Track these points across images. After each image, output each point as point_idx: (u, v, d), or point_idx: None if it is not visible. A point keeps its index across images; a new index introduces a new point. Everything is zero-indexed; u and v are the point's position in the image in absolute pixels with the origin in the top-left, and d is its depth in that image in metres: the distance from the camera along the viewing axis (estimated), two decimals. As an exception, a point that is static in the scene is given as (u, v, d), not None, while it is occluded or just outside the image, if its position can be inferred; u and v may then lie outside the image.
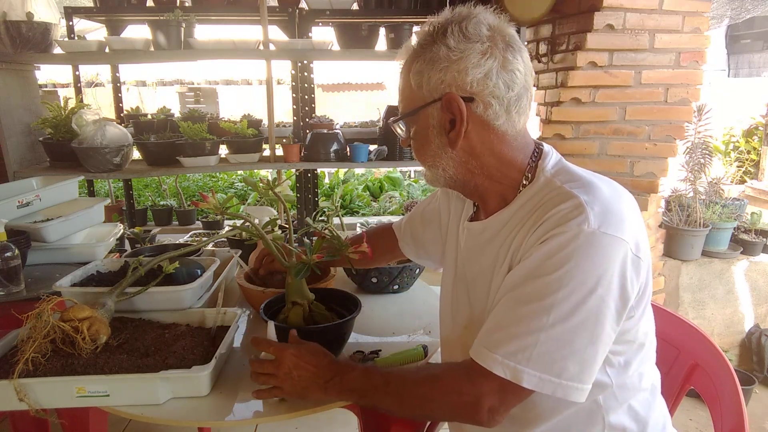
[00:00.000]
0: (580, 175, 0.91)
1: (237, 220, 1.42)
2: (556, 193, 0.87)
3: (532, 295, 0.81)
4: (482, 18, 0.88)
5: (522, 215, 0.91)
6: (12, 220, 1.77)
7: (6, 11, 2.27)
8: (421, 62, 0.89)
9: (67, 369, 1.06)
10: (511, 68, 0.87)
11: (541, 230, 0.84)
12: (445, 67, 0.87)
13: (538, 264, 0.82)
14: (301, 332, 1.19)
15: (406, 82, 0.93)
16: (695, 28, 2.27)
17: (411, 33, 2.58)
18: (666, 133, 2.37)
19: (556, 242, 0.81)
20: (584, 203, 0.82)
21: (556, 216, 0.83)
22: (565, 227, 0.81)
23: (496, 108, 0.88)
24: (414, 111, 0.93)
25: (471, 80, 0.86)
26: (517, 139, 0.93)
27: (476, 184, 0.96)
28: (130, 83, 8.77)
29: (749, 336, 2.75)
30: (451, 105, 0.88)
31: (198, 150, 2.52)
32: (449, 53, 0.86)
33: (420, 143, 0.96)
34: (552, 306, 0.79)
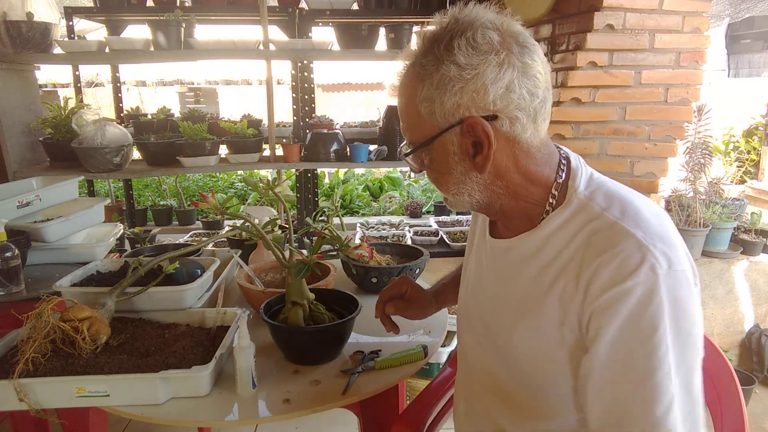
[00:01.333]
0: (619, 196, 0.83)
1: (237, 220, 1.42)
2: (602, 226, 0.78)
3: (644, 370, 0.72)
4: (487, 22, 0.78)
5: (560, 243, 0.82)
6: (12, 220, 1.77)
7: (6, 11, 2.27)
8: (428, 87, 0.78)
9: (67, 369, 1.06)
10: (532, 73, 0.78)
11: (605, 279, 0.74)
12: (460, 88, 0.76)
13: (629, 333, 0.73)
14: (301, 332, 1.19)
15: (412, 109, 0.82)
16: (695, 28, 2.27)
17: (411, 33, 2.58)
18: (666, 133, 2.37)
19: (635, 301, 0.72)
20: (644, 242, 0.73)
21: (616, 262, 0.73)
22: (636, 278, 0.71)
23: (522, 121, 0.79)
24: (428, 141, 0.82)
25: (493, 98, 0.76)
26: (541, 150, 0.84)
27: (501, 204, 0.87)
28: (130, 83, 8.76)
29: (749, 336, 2.75)
30: (474, 129, 0.78)
31: (198, 150, 2.52)
32: (461, 72, 0.76)
33: (439, 172, 0.86)
34: (669, 374, 0.71)
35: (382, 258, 1.75)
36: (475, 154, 0.81)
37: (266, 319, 1.20)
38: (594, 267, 0.75)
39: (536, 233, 0.86)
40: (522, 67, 0.77)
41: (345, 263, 1.67)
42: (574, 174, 0.86)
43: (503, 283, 0.92)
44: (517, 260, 0.89)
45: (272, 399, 1.08)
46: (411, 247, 1.82)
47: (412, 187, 5.40)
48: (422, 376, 2.33)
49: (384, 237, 2.87)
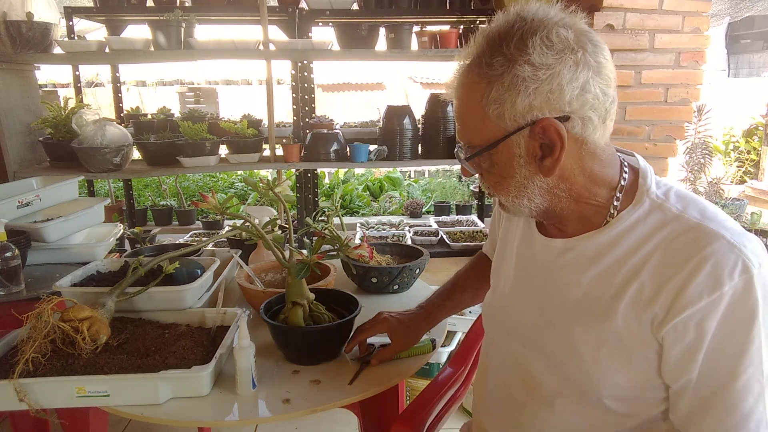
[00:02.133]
0: (692, 197, 0.80)
1: (237, 220, 1.42)
2: (684, 227, 0.76)
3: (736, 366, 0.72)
4: (559, 20, 0.75)
5: (632, 243, 0.79)
6: (12, 220, 1.77)
7: (6, 11, 2.27)
8: (498, 87, 0.75)
9: (67, 369, 1.06)
10: (605, 72, 0.76)
11: (699, 284, 0.72)
12: (534, 89, 0.73)
13: (724, 332, 0.72)
14: (300, 332, 1.19)
15: (478, 111, 0.78)
16: (695, 28, 2.28)
17: (411, 33, 2.58)
18: (666, 133, 2.38)
19: (731, 301, 0.71)
20: (735, 243, 0.72)
21: (710, 264, 0.71)
22: (732, 281, 0.70)
23: (594, 121, 0.77)
24: (494, 144, 0.79)
25: (569, 99, 0.74)
26: (606, 151, 0.82)
27: (562, 207, 0.84)
28: (130, 83, 8.77)
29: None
30: (547, 131, 0.76)
31: (198, 150, 2.52)
32: (536, 72, 0.73)
33: (500, 176, 0.83)
34: (761, 364, 0.72)
35: (382, 258, 1.75)
36: (542, 156, 0.78)
37: (266, 318, 1.20)
38: (686, 272, 0.73)
39: (604, 233, 0.83)
40: (596, 66, 0.75)
41: (345, 263, 1.67)
42: (643, 174, 0.84)
43: (559, 284, 0.88)
44: (577, 260, 0.86)
45: (272, 399, 1.08)
46: (411, 247, 1.82)
47: (412, 187, 5.40)
48: (422, 376, 2.33)
49: (384, 237, 2.87)
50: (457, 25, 2.96)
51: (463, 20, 2.88)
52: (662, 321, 0.75)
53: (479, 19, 2.81)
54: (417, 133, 2.70)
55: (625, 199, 0.83)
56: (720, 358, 0.73)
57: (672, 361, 0.76)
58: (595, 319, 0.81)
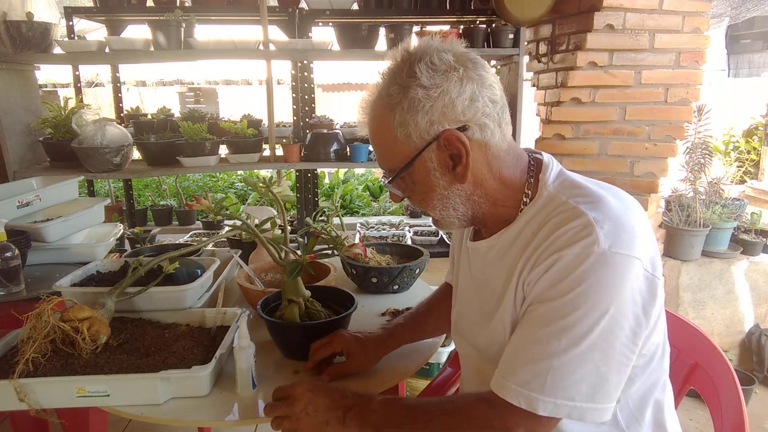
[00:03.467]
0: (586, 187, 0.89)
1: (237, 221, 1.42)
2: (563, 210, 0.85)
3: (544, 320, 0.80)
4: (439, 47, 0.86)
5: (528, 233, 0.89)
6: (12, 220, 1.77)
7: (6, 11, 2.27)
8: (399, 112, 0.85)
9: (67, 369, 1.06)
10: (488, 83, 0.86)
11: (550, 250, 0.82)
12: (430, 107, 0.83)
13: (548, 287, 0.81)
14: (296, 328, 1.19)
15: (388, 137, 0.88)
16: (695, 28, 2.28)
17: (411, 33, 2.58)
18: (666, 133, 2.37)
19: (565, 264, 0.79)
20: (593, 221, 0.79)
21: (565, 236, 0.81)
22: (574, 248, 0.79)
23: (490, 126, 0.86)
24: (410, 162, 0.88)
25: (462, 110, 0.84)
26: (510, 153, 0.91)
27: (483, 212, 0.94)
28: (130, 83, 8.77)
29: (749, 336, 2.75)
30: (450, 140, 0.85)
31: (198, 150, 2.52)
32: (428, 92, 0.83)
33: (423, 192, 0.92)
34: (564, 330, 0.78)
35: (382, 258, 1.75)
36: (454, 165, 0.87)
37: (263, 315, 1.20)
38: (547, 242, 0.83)
39: (513, 227, 0.92)
40: (479, 79, 0.85)
41: (344, 263, 1.67)
42: (544, 169, 0.93)
43: (488, 280, 0.98)
44: (496, 256, 0.95)
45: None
46: (411, 247, 1.82)
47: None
48: (422, 376, 2.33)
49: (384, 237, 2.87)
50: (457, 25, 2.95)
51: (463, 20, 2.88)
52: (524, 280, 0.87)
53: (479, 19, 2.81)
54: (417, 133, 2.70)
55: (532, 195, 0.92)
56: (534, 309, 0.83)
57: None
58: (504, 304, 0.91)
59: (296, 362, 1.22)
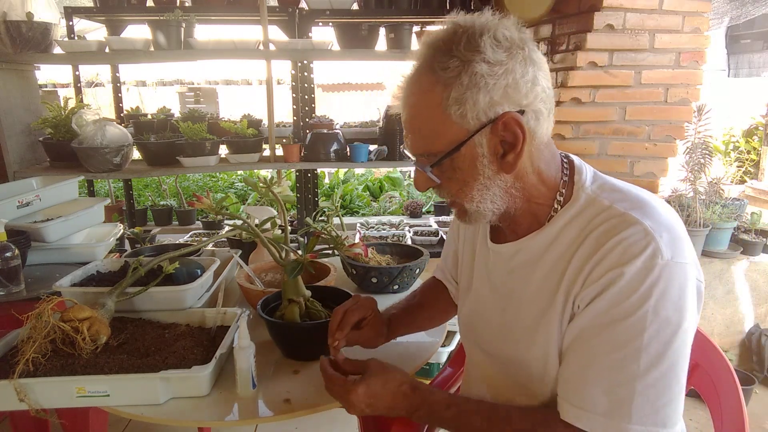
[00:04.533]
0: (627, 190, 0.84)
1: (237, 221, 1.42)
2: (610, 216, 0.79)
3: (616, 343, 0.74)
4: (499, 23, 0.78)
5: (569, 238, 0.83)
6: (12, 220, 1.77)
7: (6, 11, 2.27)
8: (458, 88, 0.75)
9: (67, 369, 1.06)
10: (545, 68, 0.80)
11: (606, 264, 0.75)
12: (493, 84, 0.75)
13: (611, 306, 0.74)
14: (296, 328, 1.19)
15: (437, 116, 0.78)
16: (695, 28, 2.27)
17: (411, 33, 2.58)
18: (666, 133, 2.37)
19: (628, 281, 0.73)
20: (651, 230, 0.74)
21: (621, 246, 0.75)
22: (637, 261, 0.73)
23: (544, 114, 0.80)
24: (459, 145, 0.79)
25: (525, 92, 0.77)
26: (548, 147, 0.86)
27: (516, 208, 0.86)
28: (130, 83, 8.77)
29: (749, 336, 2.75)
30: (509, 125, 0.77)
31: (198, 150, 2.52)
32: (492, 68, 0.75)
33: (463, 180, 0.83)
34: (639, 351, 0.72)
35: (382, 258, 1.75)
36: (504, 153, 0.80)
37: (263, 315, 1.20)
38: (601, 253, 0.76)
39: (545, 231, 0.86)
40: (539, 62, 0.79)
41: (344, 263, 1.67)
42: (578, 170, 0.88)
43: (513, 287, 0.91)
44: (526, 262, 0.88)
45: (272, 399, 1.08)
46: (411, 247, 1.82)
47: (412, 187, 5.40)
48: (422, 376, 2.33)
49: (384, 237, 2.87)
50: (457, 25, 2.95)
51: (463, 20, 2.87)
52: (577, 295, 0.79)
53: (479, 19, 2.80)
54: (417, 133, 2.70)
55: (565, 197, 0.86)
56: (601, 331, 0.75)
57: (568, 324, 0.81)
58: (544, 315, 0.84)
59: (296, 362, 1.22)
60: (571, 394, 0.78)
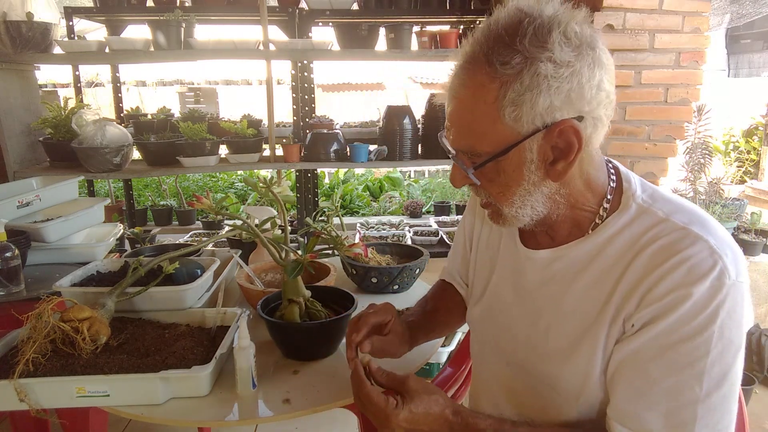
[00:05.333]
0: (680, 203, 0.79)
1: (237, 221, 1.42)
2: (668, 230, 0.74)
3: (677, 364, 0.70)
4: (571, 16, 0.71)
5: (619, 249, 0.77)
6: (12, 220, 1.77)
7: (6, 11, 2.27)
8: (517, 87, 0.69)
9: (67, 369, 1.06)
10: (612, 70, 0.73)
11: (671, 282, 0.70)
12: (557, 88, 0.68)
13: (678, 327, 0.70)
14: (296, 328, 1.19)
15: (488, 114, 0.71)
16: (695, 28, 2.27)
17: (411, 33, 2.58)
18: (666, 133, 2.37)
19: (696, 302, 0.69)
20: (716, 248, 0.70)
21: (688, 264, 0.70)
22: (705, 282, 0.69)
23: (603, 121, 0.74)
24: (508, 149, 0.72)
25: (588, 98, 0.70)
26: (599, 153, 0.79)
27: (558, 214, 0.80)
28: (130, 83, 8.77)
29: (749, 336, 2.75)
30: (565, 134, 0.71)
31: (198, 150, 2.52)
32: (558, 70, 0.68)
33: (506, 185, 0.77)
34: (703, 373, 0.69)
35: (382, 258, 1.75)
36: (554, 160, 0.74)
37: (263, 315, 1.20)
38: (662, 270, 0.71)
39: (591, 239, 0.80)
40: (607, 64, 0.72)
41: (345, 263, 1.67)
42: (627, 178, 0.83)
43: (549, 297, 0.85)
44: (566, 270, 0.83)
45: (272, 399, 1.08)
46: (411, 247, 1.82)
47: (412, 187, 5.41)
48: (422, 376, 2.32)
49: (384, 237, 2.87)
50: (457, 25, 2.96)
51: (463, 20, 2.88)
52: (632, 315, 0.74)
53: (479, 19, 2.81)
54: (417, 133, 2.70)
55: (612, 204, 0.81)
56: (662, 352, 0.71)
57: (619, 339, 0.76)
58: (588, 330, 0.78)
59: (296, 362, 1.22)
60: (626, 417, 0.74)
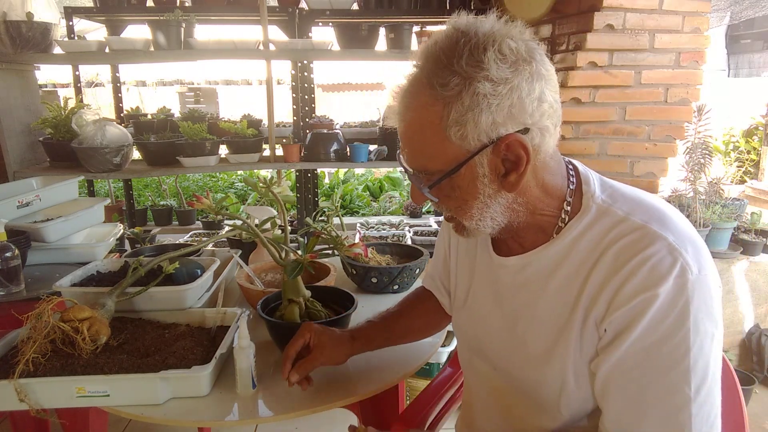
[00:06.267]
0: (640, 199, 0.81)
1: (237, 220, 1.42)
2: (629, 229, 0.76)
3: (661, 367, 0.71)
4: (506, 32, 0.72)
5: (583, 252, 0.79)
6: (12, 220, 1.77)
7: (6, 11, 2.27)
8: (458, 108, 0.71)
9: (67, 369, 1.06)
10: (554, 80, 0.75)
11: (635, 284, 0.72)
12: (497, 105, 0.70)
13: (651, 330, 0.71)
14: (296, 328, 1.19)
15: (435, 135, 0.73)
16: (695, 28, 2.27)
17: (411, 33, 2.58)
18: (666, 133, 2.37)
19: (663, 303, 0.70)
20: (675, 246, 0.72)
21: (648, 265, 0.72)
22: (669, 281, 0.70)
23: (551, 130, 0.75)
24: (458, 166, 0.75)
25: (530, 111, 0.72)
26: (554, 158, 0.81)
27: (519, 222, 0.82)
28: (130, 83, 8.77)
29: (749, 336, 2.75)
30: (512, 147, 0.73)
31: (198, 150, 2.52)
32: (495, 87, 0.69)
33: (462, 199, 0.79)
34: (688, 371, 0.70)
35: (382, 258, 1.75)
36: (506, 173, 0.76)
37: (263, 315, 1.20)
38: (625, 272, 0.73)
39: (556, 244, 0.82)
40: (546, 75, 0.74)
41: (345, 263, 1.67)
42: (585, 179, 0.84)
43: (523, 302, 0.87)
44: (536, 276, 0.85)
45: (272, 399, 1.08)
46: (411, 247, 1.82)
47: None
48: (422, 376, 2.33)
49: (384, 237, 2.87)
50: (457, 25, 2.95)
51: (463, 20, 2.88)
52: (602, 319, 0.76)
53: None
54: (417, 133, 2.70)
55: (573, 207, 0.82)
56: (644, 358, 0.72)
57: (599, 350, 0.77)
58: (561, 333, 0.80)
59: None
60: (621, 429, 0.75)
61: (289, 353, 1.04)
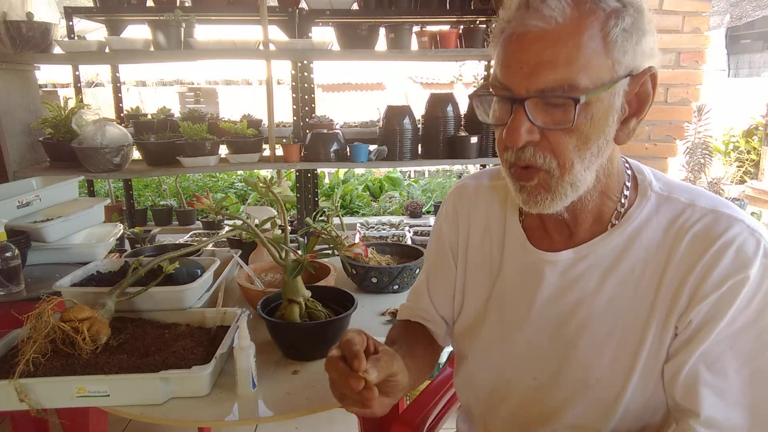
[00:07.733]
0: (692, 187, 0.78)
1: (237, 220, 1.42)
2: (700, 214, 0.73)
3: (750, 351, 0.70)
4: None
5: (650, 241, 0.75)
6: (12, 220, 1.77)
7: (6, 11, 2.27)
8: (627, 21, 0.65)
9: (67, 369, 1.06)
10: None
11: (723, 268, 0.69)
12: (650, 33, 0.68)
13: (738, 313, 0.69)
14: (296, 328, 1.20)
15: (597, 43, 0.65)
16: (695, 28, 2.28)
17: (411, 33, 2.58)
18: (666, 133, 2.38)
19: (752, 283, 0.69)
20: (754, 228, 0.71)
21: (734, 248, 0.69)
22: (757, 261, 0.69)
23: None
24: (609, 84, 0.66)
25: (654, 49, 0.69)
26: None
27: (588, 200, 0.75)
28: (130, 83, 8.77)
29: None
30: (646, 85, 0.69)
31: (198, 150, 2.52)
32: (651, 16, 0.68)
33: (586, 136, 0.68)
34: None
35: (382, 258, 1.75)
36: (627, 116, 0.71)
37: (263, 315, 1.21)
38: (709, 257, 0.70)
39: (616, 234, 0.76)
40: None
41: (345, 263, 1.67)
42: (638, 168, 0.81)
43: (572, 302, 0.79)
44: (593, 269, 0.78)
45: (272, 399, 1.08)
46: (411, 247, 1.82)
47: (412, 187, 5.41)
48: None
49: (384, 237, 2.87)
50: (457, 25, 2.95)
51: (463, 20, 2.88)
52: (685, 310, 0.72)
53: (479, 19, 2.80)
54: (417, 133, 2.70)
55: (632, 194, 0.78)
56: (732, 345, 0.70)
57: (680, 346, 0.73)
58: (628, 330, 0.75)
59: (296, 362, 1.22)
60: (711, 421, 0.70)
61: (356, 340, 0.70)
